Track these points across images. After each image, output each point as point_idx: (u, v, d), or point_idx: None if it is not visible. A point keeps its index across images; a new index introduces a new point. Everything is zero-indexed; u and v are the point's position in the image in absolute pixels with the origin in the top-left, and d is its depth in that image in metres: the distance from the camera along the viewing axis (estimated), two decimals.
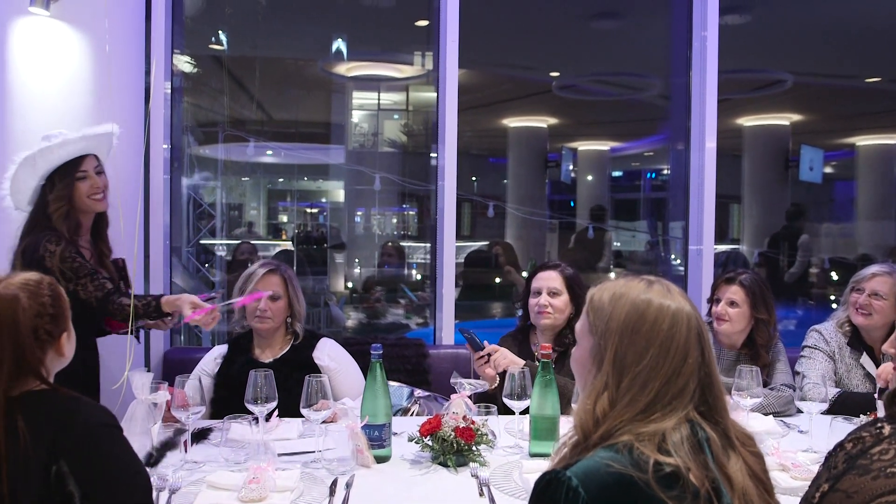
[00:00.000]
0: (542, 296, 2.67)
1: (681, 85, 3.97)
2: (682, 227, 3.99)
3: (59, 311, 1.51)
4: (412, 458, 2.08)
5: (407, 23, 6.00)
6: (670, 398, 1.16)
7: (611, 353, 1.19)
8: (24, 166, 2.36)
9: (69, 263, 2.32)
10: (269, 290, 2.57)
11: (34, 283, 1.49)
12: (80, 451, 1.35)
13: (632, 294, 1.22)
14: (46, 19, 2.63)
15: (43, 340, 1.47)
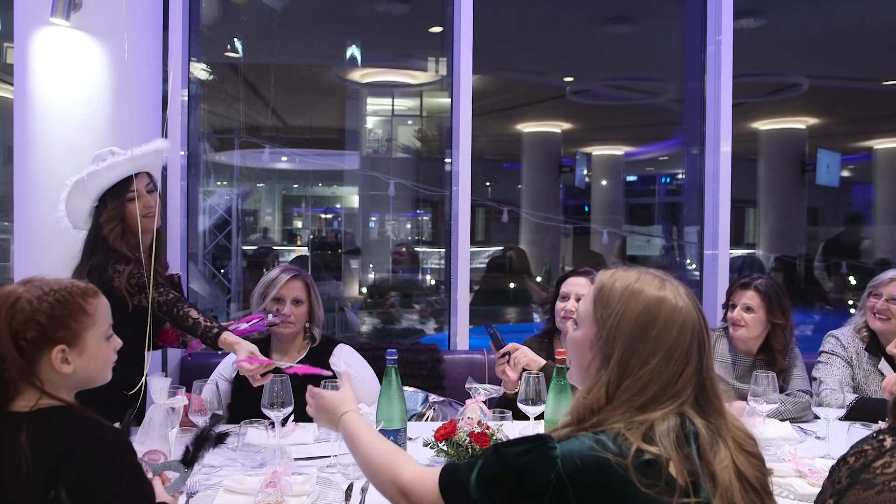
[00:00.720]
0: (570, 301, 2.66)
1: (695, 89, 3.96)
2: (697, 231, 3.97)
3: (54, 321, 1.35)
4: (427, 463, 2.08)
5: (421, 29, 6.03)
6: (666, 398, 1.19)
7: (618, 355, 1.21)
8: (76, 189, 2.37)
9: (136, 279, 2.30)
10: (292, 295, 2.61)
11: (48, 286, 1.38)
12: (82, 477, 1.25)
13: (645, 293, 1.23)
14: (67, 29, 2.67)
15: (23, 349, 1.32)
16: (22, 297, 1.34)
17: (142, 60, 2.91)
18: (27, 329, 1.32)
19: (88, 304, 1.41)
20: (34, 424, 1.28)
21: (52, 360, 1.34)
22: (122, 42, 2.67)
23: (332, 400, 1.56)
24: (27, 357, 1.32)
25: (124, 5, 2.57)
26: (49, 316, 1.34)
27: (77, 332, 1.38)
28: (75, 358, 1.37)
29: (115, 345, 1.48)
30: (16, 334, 1.32)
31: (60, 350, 1.35)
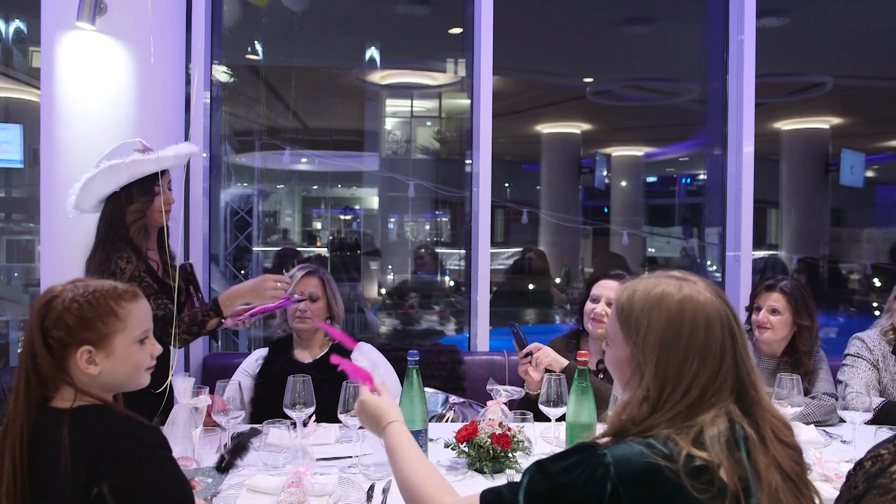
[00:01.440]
0: (600, 304, 2.65)
1: (717, 89, 3.93)
2: (718, 232, 3.94)
3: (81, 321, 1.36)
4: (448, 465, 2.08)
5: (440, 31, 6.03)
6: (710, 396, 1.18)
7: (651, 368, 1.20)
8: (109, 173, 2.37)
9: (137, 283, 2.34)
10: (308, 291, 2.64)
11: (85, 287, 1.40)
12: (123, 475, 1.27)
13: (666, 299, 1.22)
14: (92, 33, 2.70)
15: (52, 348, 1.35)
16: (58, 296, 1.37)
17: (165, 63, 2.94)
18: (55, 328, 1.35)
19: (121, 308, 1.41)
20: (75, 421, 1.31)
21: (77, 360, 1.35)
22: (146, 45, 2.70)
23: (377, 406, 1.54)
24: (55, 355, 1.35)
25: (150, 9, 2.60)
26: (77, 317, 1.36)
27: (105, 334, 1.38)
28: (102, 360, 1.38)
29: (151, 350, 1.47)
30: (46, 332, 1.35)
31: (86, 351, 1.36)
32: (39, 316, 1.36)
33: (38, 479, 1.31)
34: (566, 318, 6.75)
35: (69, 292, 1.38)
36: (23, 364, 1.36)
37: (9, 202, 5.86)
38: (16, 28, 5.36)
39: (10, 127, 5.43)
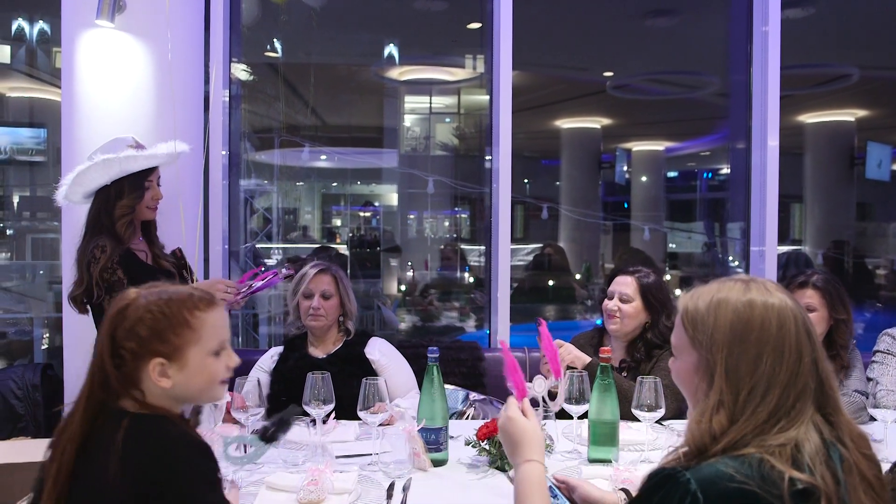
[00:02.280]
0: (613, 300, 2.62)
1: (740, 82, 3.87)
2: (741, 227, 3.88)
3: (154, 333, 1.31)
4: (469, 462, 2.07)
5: (459, 26, 6.00)
6: (793, 401, 1.10)
7: (721, 368, 1.13)
8: (101, 166, 2.42)
9: (108, 276, 2.38)
10: (321, 289, 2.64)
11: (158, 295, 1.34)
12: (171, 495, 1.23)
13: (731, 299, 1.17)
14: (112, 31, 2.71)
15: (123, 359, 1.30)
16: (131, 304, 1.32)
17: (184, 60, 2.95)
18: (128, 339, 1.30)
19: (194, 318, 1.34)
20: (133, 428, 1.26)
21: (150, 372, 1.30)
22: (165, 43, 2.71)
23: (522, 434, 1.44)
24: (127, 366, 1.30)
25: (167, 6, 2.60)
26: (150, 328, 1.31)
27: (178, 346, 1.32)
28: (175, 372, 1.32)
29: (228, 361, 1.41)
30: (118, 343, 1.30)
31: (159, 363, 1.31)
32: (112, 325, 1.31)
33: (83, 480, 1.26)
34: (587, 314, 6.70)
35: (143, 299, 1.33)
36: (93, 371, 1.32)
37: (34, 201, 5.92)
38: (40, 29, 5.41)
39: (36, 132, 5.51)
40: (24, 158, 5.56)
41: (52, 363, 3.30)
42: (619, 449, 2.07)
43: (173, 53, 2.72)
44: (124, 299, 1.34)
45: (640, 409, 2.04)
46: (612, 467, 1.89)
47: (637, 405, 2.04)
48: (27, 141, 5.56)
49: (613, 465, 1.94)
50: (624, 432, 2.15)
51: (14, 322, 5.13)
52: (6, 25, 5.46)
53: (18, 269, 5.72)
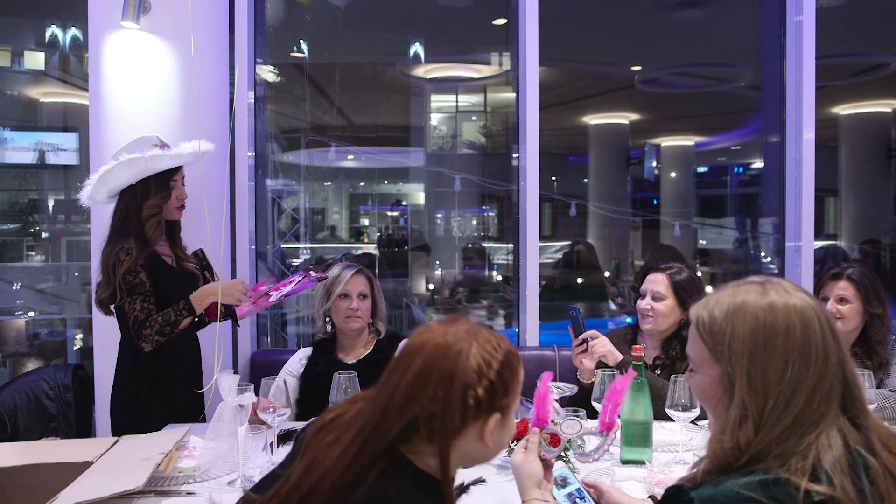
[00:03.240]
0: (646, 299, 2.57)
1: (774, 73, 3.77)
2: (773, 223, 3.79)
3: (504, 386, 1.14)
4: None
5: (484, 22, 5.97)
6: (818, 404, 1.05)
7: (743, 379, 1.07)
8: (126, 165, 2.40)
9: (130, 278, 2.37)
10: (358, 290, 2.64)
11: (495, 343, 1.17)
12: None
13: (750, 304, 1.10)
14: (137, 32, 2.72)
15: (468, 406, 1.11)
16: (474, 347, 1.14)
17: (209, 61, 2.96)
18: (479, 384, 1.12)
19: (520, 371, 1.20)
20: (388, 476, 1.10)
21: (486, 427, 1.13)
22: (189, 44, 2.71)
23: (517, 475, 1.39)
24: (467, 418, 1.12)
25: (189, 6, 2.60)
26: (499, 376, 1.14)
27: (510, 402, 1.17)
28: (498, 431, 1.16)
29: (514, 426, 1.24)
30: (465, 390, 1.11)
31: (496, 420, 1.14)
32: (463, 370, 1.11)
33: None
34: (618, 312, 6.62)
35: (484, 349, 1.14)
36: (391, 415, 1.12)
37: (68, 204, 6.01)
38: (72, 36, 5.50)
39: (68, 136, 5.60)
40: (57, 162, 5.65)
41: (84, 364, 3.33)
42: (652, 450, 2.02)
43: (197, 54, 2.72)
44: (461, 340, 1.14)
45: (675, 408, 1.99)
46: (646, 469, 1.85)
47: (671, 405, 1.99)
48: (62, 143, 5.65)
49: (647, 466, 1.89)
50: (657, 433, 2.10)
51: (48, 323, 5.21)
52: (40, 32, 5.56)
53: (53, 270, 5.81)
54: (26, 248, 5.90)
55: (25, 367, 4.79)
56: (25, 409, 2.97)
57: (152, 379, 2.47)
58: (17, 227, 5.93)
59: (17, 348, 5.01)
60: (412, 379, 1.12)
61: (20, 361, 4.95)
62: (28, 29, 5.71)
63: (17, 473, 2.03)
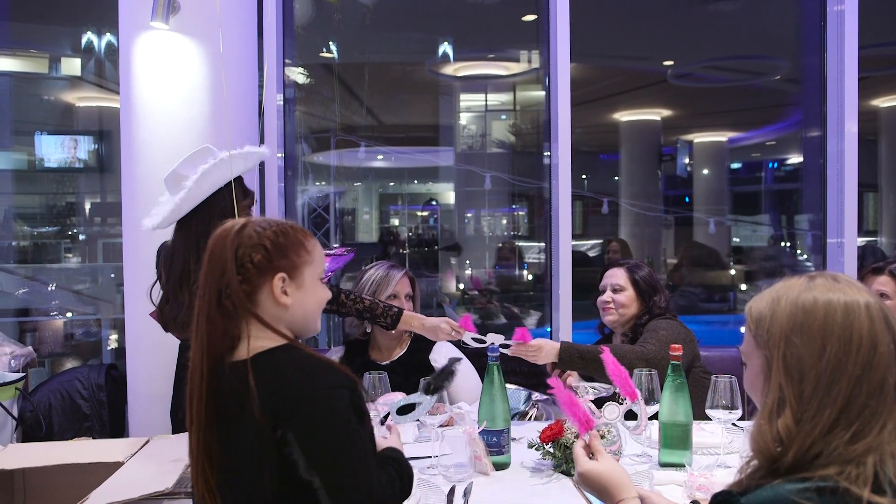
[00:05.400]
0: (606, 293, 2.64)
1: (813, 65, 3.67)
2: (810, 219, 3.69)
3: (278, 248, 1.34)
4: (532, 466, 1.99)
5: (513, 19, 5.92)
6: (866, 397, 0.98)
7: (779, 362, 1.04)
8: (224, 164, 2.16)
9: None
10: (405, 291, 2.65)
11: (270, 220, 1.38)
12: (304, 418, 1.22)
13: (791, 293, 1.07)
14: (166, 33, 2.73)
15: (248, 272, 1.31)
16: (247, 225, 1.34)
17: (238, 61, 2.95)
18: (254, 252, 1.31)
19: (308, 241, 1.40)
20: (258, 366, 1.26)
21: (272, 287, 1.33)
22: (218, 44, 2.71)
23: (601, 483, 1.35)
24: (250, 282, 1.31)
25: (219, 7, 2.60)
26: (274, 243, 1.33)
27: (296, 264, 1.36)
28: (293, 291, 1.35)
29: (326, 293, 1.44)
30: (241, 258, 1.31)
31: (281, 279, 1.33)
32: (233, 244, 1.31)
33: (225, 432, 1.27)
34: None
35: (258, 221, 1.36)
36: (205, 304, 1.31)
37: (104, 206, 6.10)
38: (107, 41, 5.58)
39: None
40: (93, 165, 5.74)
41: (117, 364, 3.36)
42: (692, 452, 1.96)
43: (227, 54, 2.71)
44: (235, 224, 1.35)
45: (716, 408, 1.92)
46: (687, 472, 1.79)
47: (712, 405, 1.92)
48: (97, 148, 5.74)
49: (687, 469, 1.83)
50: (696, 434, 2.04)
51: (83, 323, 5.29)
52: (76, 39, 5.65)
53: (89, 272, 5.89)
54: (64, 251, 5.99)
55: (63, 366, 4.86)
56: (60, 408, 3.00)
57: None
58: (55, 229, 6.03)
59: (54, 348, 5.09)
60: (204, 267, 1.33)
61: (58, 361, 5.02)
62: (65, 36, 5.80)
63: (50, 473, 2.04)
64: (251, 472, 1.25)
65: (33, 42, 5.78)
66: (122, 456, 2.00)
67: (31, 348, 3.19)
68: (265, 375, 1.25)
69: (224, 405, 1.27)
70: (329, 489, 1.21)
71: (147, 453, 2.04)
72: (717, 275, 7.64)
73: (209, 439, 1.27)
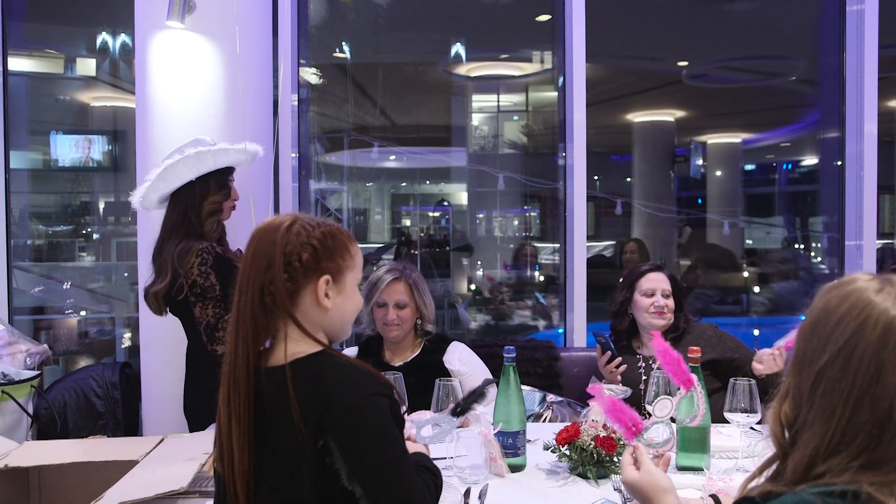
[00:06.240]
0: (656, 296, 2.66)
1: (832, 65, 3.63)
2: (824, 221, 3.65)
3: (327, 250, 1.32)
4: (548, 468, 1.97)
5: (526, 19, 5.89)
6: (872, 427, 0.92)
7: (794, 353, 1.03)
8: (193, 160, 2.38)
9: (202, 280, 2.36)
10: (395, 299, 2.53)
11: (319, 219, 1.36)
12: (345, 426, 1.21)
13: (830, 293, 1.02)
14: (182, 32, 2.73)
15: (295, 270, 1.29)
16: (297, 221, 1.33)
17: (253, 61, 2.96)
18: (302, 251, 1.30)
19: (352, 245, 1.39)
20: (297, 373, 1.25)
21: (317, 288, 1.31)
22: (233, 43, 2.71)
23: (645, 493, 1.33)
24: (295, 281, 1.29)
25: (235, 6, 2.60)
26: (322, 243, 1.32)
27: (341, 268, 1.35)
28: (335, 295, 1.34)
29: (361, 300, 1.44)
30: (289, 256, 1.29)
31: (326, 281, 1.32)
32: (282, 241, 1.28)
33: (268, 441, 1.25)
34: None
35: (306, 222, 1.33)
36: (248, 299, 1.28)
37: (118, 206, 6.13)
38: (121, 42, 5.61)
39: None
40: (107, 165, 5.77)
41: (130, 362, 3.36)
42: (710, 455, 1.94)
43: (242, 53, 2.72)
44: (283, 220, 1.33)
45: (734, 412, 1.90)
46: (705, 476, 1.77)
47: (731, 408, 1.90)
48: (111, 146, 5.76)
49: (705, 473, 1.81)
50: (714, 438, 2.02)
51: (97, 322, 5.31)
52: (91, 40, 5.68)
53: (103, 270, 5.92)
54: (78, 249, 6.02)
55: (77, 364, 4.88)
56: (75, 406, 3.01)
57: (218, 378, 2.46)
58: (69, 228, 6.06)
59: (69, 346, 5.11)
60: (248, 262, 1.31)
61: (72, 359, 5.05)
62: (80, 37, 5.84)
63: (66, 471, 2.04)
64: (289, 478, 1.23)
65: (49, 42, 5.82)
66: (137, 454, 2.00)
67: (46, 346, 3.20)
68: (305, 383, 1.24)
69: (261, 409, 1.26)
70: (371, 498, 1.20)
71: (162, 452, 2.04)
72: (730, 277, 7.59)
73: (249, 439, 1.25)
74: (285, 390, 1.22)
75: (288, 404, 1.21)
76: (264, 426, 1.26)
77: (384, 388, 1.27)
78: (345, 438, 1.20)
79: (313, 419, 1.21)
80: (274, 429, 1.24)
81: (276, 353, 1.29)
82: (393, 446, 1.24)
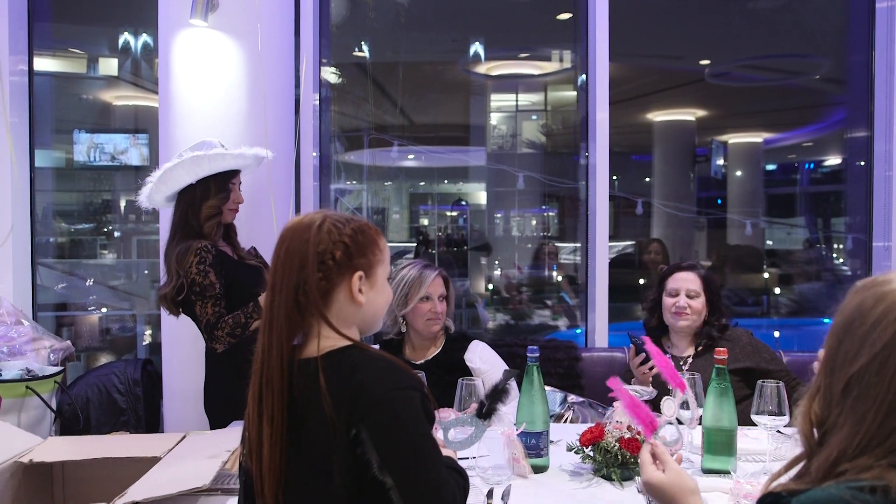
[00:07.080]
0: (681, 296, 2.58)
1: (860, 63, 3.57)
2: (847, 222, 3.60)
3: (358, 247, 1.33)
4: (572, 470, 1.96)
5: (547, 17, 5.86)
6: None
7: (826, 351, 1.00)
8: (190, 164, 2.43)
9: (201, 279, 2.39)
10: (439, 292, 2.58)
11: (347, 216, 1.37)
12: (377, 418, 1.21)
13: (864, 292, 0.99)
14: (205, 30, 2.74)
15: (328, 269, 1.29)
16: (327, 219, 1.33)
17: (275, 59, 2.96)
18: (335, 249, 1.30)
19: (380, 240, 1.40)
20: (328, 365, 1.25)
21: (351, 285, 1.32)
22: (256, 41, 2.72)
23: (667, 493, 1.31)
24: (329, 279, 1.30)
25: (258, 4, 2.61)
26: (353, 240, 1.32)
27: (372, 263, 1.36)
28: (367, 290, 1.35)
29: (391, 293, 1.45)
30: (322, 255, 1.29)
31: (359, 277, 1.33)
32: (315, 240, 1.29)
33: (300, 437, 1.25)
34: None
35: (335, 220, 1.33)
36: (282, 299, 1.28)
37: None
38: (143, 42, 5.65)
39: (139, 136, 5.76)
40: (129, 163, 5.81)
41: (152, 359, 3.38)
42: (736, 458, 1.91)
43: (264, 51, 2.73)
44: (313, 218, 1.33)
45: (762, 414, 1.87)
46: (732, 479, 1.74)
47: (758, 411, 1.87)
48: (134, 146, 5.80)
49: (732, 476, 1.78)
50: (740, 440, 1.98)
51: (119, 318, 5.35)
52: (114, 40, 5.73)
53: (124, 268, 5.97)
54: (99, 247, 6.07)
55: (98, 361, 4.93)
56: (97, 402, 3.03)
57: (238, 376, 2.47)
58: (91, 226, 6.11)
59: (91, 343, 5.16)
60: (279, 261, 1.31)
61: (93, 356, 5.09)
62: (102, 37, 5.89)
63: (89, 466, 2.05)
64: (320, 472, 1.23)
65: (72, 42, 5.87)
66: (159, 451, 2.01)
67: (69, 342, 3.22)
68: (337, 374, 1.24)
69: (293, 405, 1.26)
70: (402, 489, 1.19)
71: (184, 449, 2.04)
72: (750, 278, 7.51)
73: (281, 436, 1.25)
74: (317, 382, 1.23)
75: (319, 397, 1.22)
76: (296, 422, 1.25)
77: (416, 383, 1.28)
78: (377, 428, 1.20)
79: (346, 409, 1.21)
80: (306, 423, 1.24)
81: (308, 347, 1.30)
82: (425, 439, 1.24)
